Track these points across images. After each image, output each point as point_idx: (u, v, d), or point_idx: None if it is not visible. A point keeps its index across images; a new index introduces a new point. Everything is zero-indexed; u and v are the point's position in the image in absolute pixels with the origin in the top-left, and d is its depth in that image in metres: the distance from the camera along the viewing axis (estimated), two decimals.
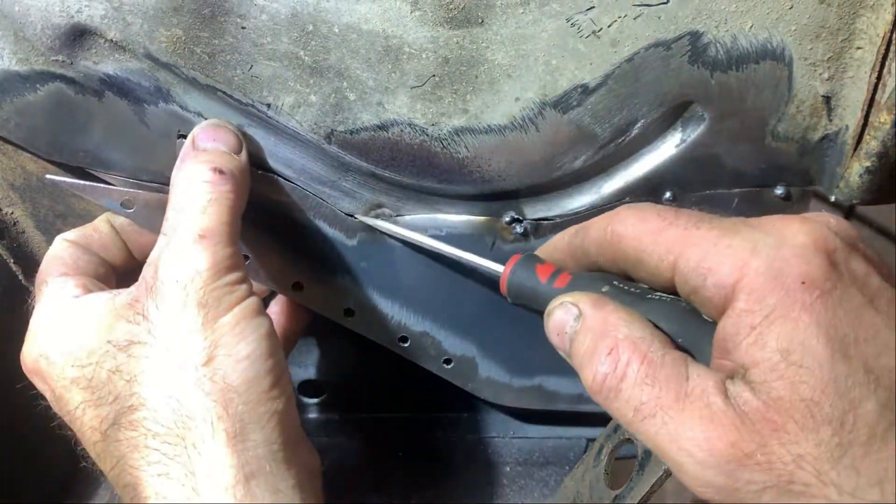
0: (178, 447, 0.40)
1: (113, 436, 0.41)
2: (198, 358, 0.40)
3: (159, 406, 0.40)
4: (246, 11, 0.44)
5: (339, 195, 0.51)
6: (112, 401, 0.41)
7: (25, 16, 0.44)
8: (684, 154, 0.48)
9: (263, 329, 0.43)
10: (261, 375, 0.41)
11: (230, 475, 0.39)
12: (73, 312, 0.44)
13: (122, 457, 0.41)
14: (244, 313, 0.42)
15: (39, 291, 0.46)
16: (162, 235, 0.43)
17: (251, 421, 0.41)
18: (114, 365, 0.41)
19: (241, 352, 0.41)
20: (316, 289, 0.53)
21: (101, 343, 0.42)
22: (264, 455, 0.40)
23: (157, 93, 0.46)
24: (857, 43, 0.43)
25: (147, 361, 0.41)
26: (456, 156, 0.48)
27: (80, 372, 0.42)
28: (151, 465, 0.40)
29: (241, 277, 0.43)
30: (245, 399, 0.41)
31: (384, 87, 0.45)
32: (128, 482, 0.40)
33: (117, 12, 0.44)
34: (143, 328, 0.41)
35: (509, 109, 0.46)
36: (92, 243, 0.50)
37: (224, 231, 0.43)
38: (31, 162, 0.50)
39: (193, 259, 0.42)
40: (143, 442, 0.40)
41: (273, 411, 0.41)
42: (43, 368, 0.43)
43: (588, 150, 0.48)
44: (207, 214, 0.43)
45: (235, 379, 0.41)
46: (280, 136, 0.48)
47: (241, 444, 0.40)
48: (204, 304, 0.41)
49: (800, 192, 0.50)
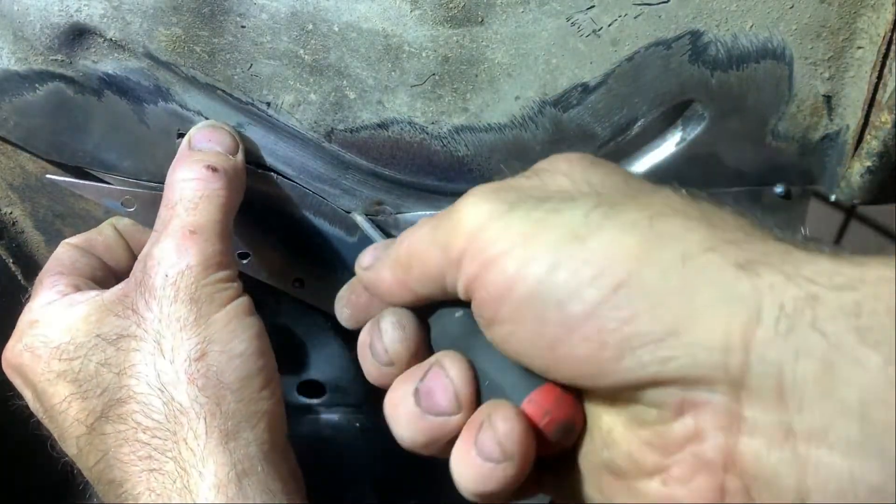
0: (168, 441, 0.39)
1: (99, 429, 0.40)
2: (191, 353, 0.40)
3: (150, 399, 0.40)
4: (246, 10, 0.44)
5: (339, 193, 0.51)
6: (100, 394, 0.41)
7: (24, 15, 0.44)
8: (684, 153, 0.48)
9: (255, 328, 0.43)
10: (252, 374, 0.41)
11: (223, 473, 0.39)
12: (61, 308, 0.43)
13: (109, 451, 0.40)
14: (237, 311, 0.42)
15: (35, 291, 0.46)
16: (154, 232, 0.43)
17: (243, 419, 0.40)
18: (103, 358, 0.41)
19: (234, 349, 0.41)
20: (317, 285, 0.54)
21: (90, 337, 0.42)
22: (255, 455, 0.40)
23: (157, 92, 0.46)
24: (858, 42, 0.43)
25: (137, 354, 0.41)
26: (456, 154, 0.48)
27: (68, 365, 0.41)
28: (142, 459, 0.39)
29: (231, 275, 0.43)
30: (238, 397, 0.40)
31: (384, 85, 0.45)
32: (114, 477, 0.40)
33: (116, 11, 0.44)
34: (132, 322, 0.41)
35: (509, 108, 0.46)
36: (95, 246, 0.50)
37: (214, 228, 0.43)
38: (30, 162, 0.50)
39: (183, 254, 0.41)
40: (132, 436, 0.39)
41: (264, 411, 0.41)
42: (26, 362, 0.43)
43: (588, 148, 0.48)
44: (198, 211, 0.43)
45: (229, 376, 0.40)
46: (280, 135, 0.48)
47: (233, 442, 0.39)
48: (196, 299, 0.41)
49: (800, 191, 0.50)
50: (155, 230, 0.43)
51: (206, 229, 0.42)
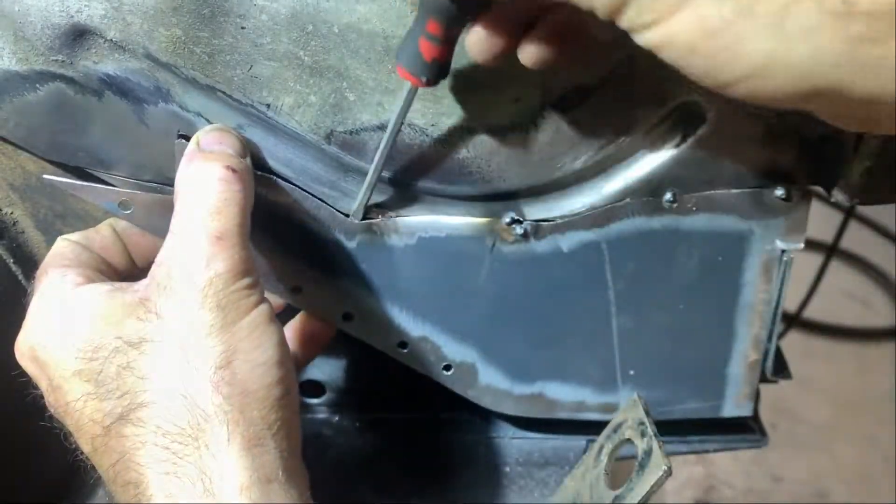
0: (189, 447, 0.39)
1: (117, 430, 0.40)
2: (216, 360, 0.40)
3: (172, 405, 0.40)
4: (245, 11, 0.44)
5: (339, 195, 0.50)
6: (119, 396, 0.41)
7: (25, 15, 0.44)
8: (684, 154, 0.48)
9: (277, 337, 0.43)
10: (274, 383, 0.41)
11: (245, 477, 0.39)
12: (74, 301, 0.43)
13: (126, 453, 0.40)
14: (261, 318, 0.42)
15: (39, 282, 0.46)
16: (171, 234, 0.43)
17: (265, 427, 0.40)
18: (125, 361, 0.41)
19: (258, 358, 0.41)
20: (314, 292, 0.53)
21: (111, 338, 0.41)
22: (276, 462, 0.40)
23: (157, 93, 0.46)
24: None
25: (161, 360, 0.41)
26: (456, 156, 0.48)
27: (87, 365, 0.41)
28: (159, 462, 0.39)
29: (254, 281, 0.43)
30: (260, 405, 0.41)
31: (384, 87, 0.45)
32: (130, 479, 0.40)
33: (117, 12, 0.44)
34: (155, 326, 0.41)
35: (509, 110, 0.46)
36: (93, 244, 0.50)
37: (239, 233, 0.43)
38: (30, 162, 0.50)
39: (210, 261, 0.41)
40: (151, 439, 0.39)
41: (284, 420, 0.41)
42: (40, 357, 0.43)
43: (588, 150, 0.48)
44: (222, 216, 0.42)
45: (253, 384, 0.41)
46: (279, 137, 0.48)
47: (256, 448, 0.40)
48: (222, 306, 0.41)
49: (800, 192, 0.50)
50: (173, 231, 0.43)
51: (231, 234, 0.42)
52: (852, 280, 1.99)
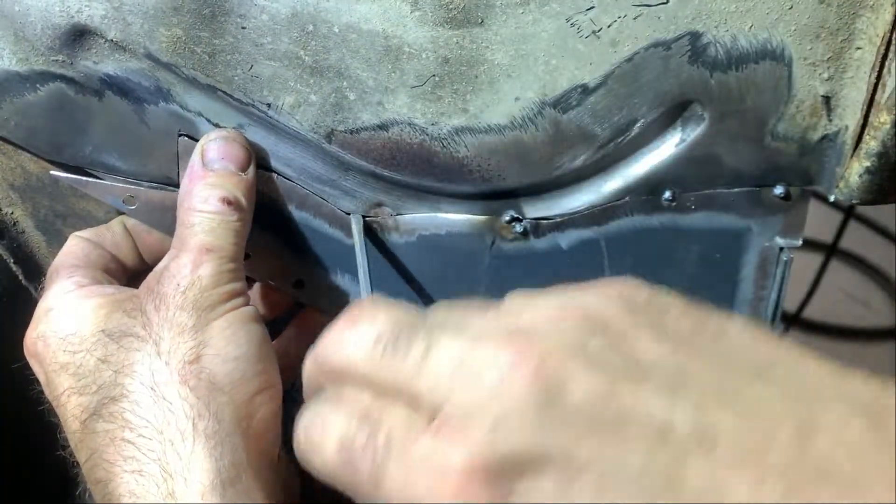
0: (154, 441, 0.39)
1: (91, 426, 0.41)
2: (185, 354, 0.41)
3: (141, 398, 0.40)
4: (246, 11, 0.44)
5: (339, 194, 0.51)
6: (95, 390, 0.41)
7: (25, 16, 0.44)
8: (684, 154, 0.48)
9: (256, 336, 0.43)
10: (248, 378, 0.42)
11: (207, 480, 0.39)
12: (76, 299, 0.44)
13: (97, 450, 0.40)
14: (238, 318, 0.43)
15: (49, 281, 0.47)
16: (172, 249, 0.45)
17: (233, 422, 0.41)
18: (104, 354, 0.42)
19: (230, 353, 0.42)
20: (317, 287, 0.54)
21: (95, 331, 0.42)
22: (242, 462, 0.40)
23: (158, 92, 0.46)
24: (857, 43, 0.44)
25: (137, 354, 0.41)
26: (456, 155, 0.48)
27: (71, 358, 0.42)
28: (126, 460, 0.39)
29: (239, 290, 0.44)
30: (228, 400, 0.41)
31: (384, 86, 0.45)
32: (100, 477, 0.40)
33: (117, 12, 0.44)
34: (138, 322, 0.42)
35: (509, 109, 0.46)
36: (104, 241, 0.50)
37: (229, 249, 0.45)
38: (31, 162, 0.50)
39: (197, 267, 0.43)
40: (119, 434, 0.40)
41: (256, 417, 0.42)
42: (39, 350, 0.44)
43: (588, 149, 0.48)
44: (214, 234, 0.44)
45: (221, 379, 0.41)
46: (280, 136, 0.48)
47: (220, 447, 0.40)
48: (200, 308, 0.42)
49: (799, 191, 0.50)
50: (173, 247, 0.45)
51: (221, 249, 0.44)
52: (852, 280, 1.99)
